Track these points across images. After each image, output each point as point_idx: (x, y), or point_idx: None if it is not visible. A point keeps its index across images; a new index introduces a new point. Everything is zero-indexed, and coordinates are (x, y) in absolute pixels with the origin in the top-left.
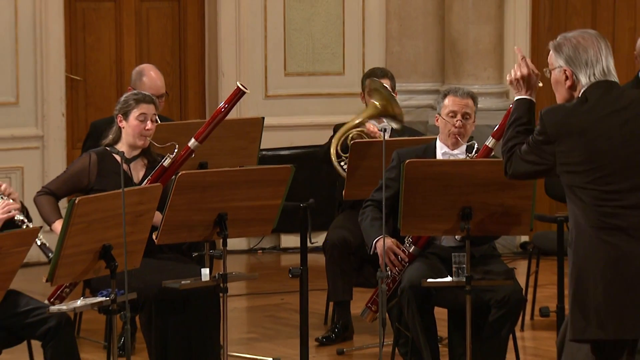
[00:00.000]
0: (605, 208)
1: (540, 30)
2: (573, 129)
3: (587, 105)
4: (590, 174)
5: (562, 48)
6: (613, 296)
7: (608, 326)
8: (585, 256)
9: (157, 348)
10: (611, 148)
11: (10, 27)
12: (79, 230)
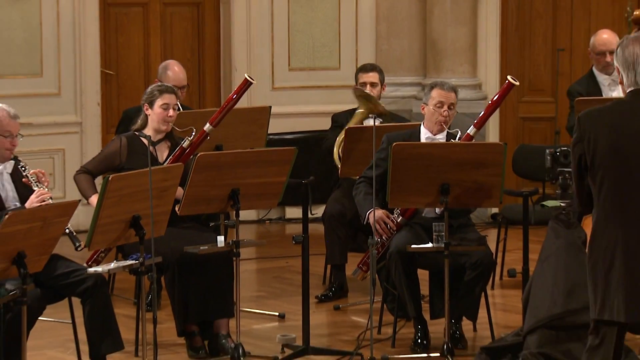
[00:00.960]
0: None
1: (509, 31)
2: (600, 128)
3: (621, 108)
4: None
5: (619, 46)
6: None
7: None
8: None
9: (179, 304)
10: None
11: (53, 29)
12: (112, 203)
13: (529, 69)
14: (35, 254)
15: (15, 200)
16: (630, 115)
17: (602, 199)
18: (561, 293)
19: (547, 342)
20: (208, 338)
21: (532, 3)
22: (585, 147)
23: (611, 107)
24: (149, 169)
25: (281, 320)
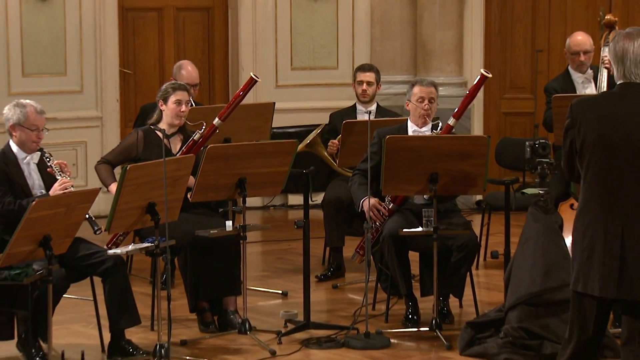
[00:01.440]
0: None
1: (492, 34)
2: (591, 116)
3: (611, 98)
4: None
5: (612, 41)
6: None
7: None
8: (578, 219)
9: (191, 283)
10: (622, 138)
11: (76, 32)
12: (129, 190)
13: (510, 69)
14: (60, 237)
15: (41, 188)
16: (618, 106)
17: (588, 182)
18: (539, 273)
19: (526, 317)
20: (217, 314)
21: (513, 8)
22: (576, 133)
23: (601, 98)
24: (164, 159)
25: (284, 298)
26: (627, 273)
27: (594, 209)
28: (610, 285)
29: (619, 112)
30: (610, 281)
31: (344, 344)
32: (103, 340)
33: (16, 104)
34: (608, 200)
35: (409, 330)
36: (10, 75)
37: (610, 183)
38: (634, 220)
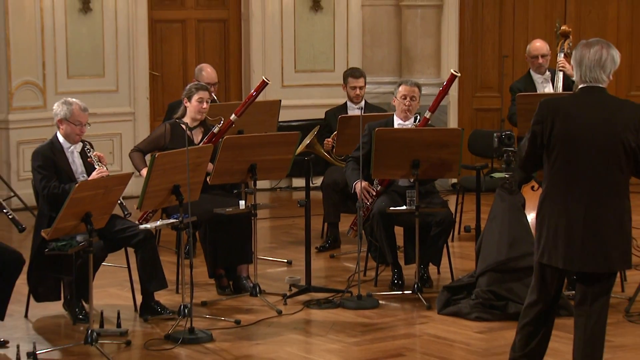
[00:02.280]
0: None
1: (465, 42)
2: (558, 113)
3: (577, 99)
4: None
5: (576, 48)
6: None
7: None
8: (542, 201)
9: (210, 253)
10: (583, 134)
11: (112, 40)
12: (158, 175)
13: (480, 71)
14: (99, 214)
15: (83, 174)
16: (581, 107)
17: (554, 172)
18: (505, 244)
19: (494, 282)
20: (232, 279)
21: (483, 20)
22: (544, 128)
23: (567, 99)
24: (187, 148)
25: (289, 266)
26: (586, 249)
27: (560, 194)
28: (573, 259)
29: (582, 112)
30: (573, 255)
31: (340, 304)
32: (136, 302)
33: (64, 102)
34: (572, 187)
35: (395, 293)
36: (57, 76)
37: (574, 172)
38: (593, 205)
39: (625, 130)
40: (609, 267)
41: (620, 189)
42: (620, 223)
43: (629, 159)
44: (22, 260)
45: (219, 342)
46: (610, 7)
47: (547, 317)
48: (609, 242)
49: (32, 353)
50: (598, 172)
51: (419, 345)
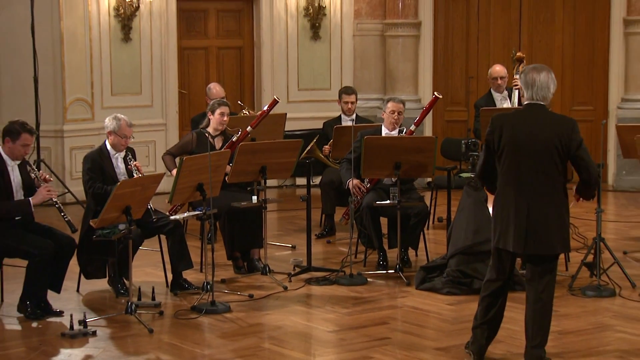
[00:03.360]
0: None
1: (438, 66)
2: (506, 125)
3: (522, 114)
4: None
5: (522, 72)
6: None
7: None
8: (497, 197)
9: (228, 239)
10: (526, 142)
11: (148, 64)
12: (185, 175)
13: (451, 90)
14: (137, 207)
15: (124, 175)
16: (526, 120)
17: (504, 171)
18: (471, 232)
19: (462, 263)
20: (246, 261)
21: (452, 48)
22: (495, 137)
23: (514, 113)
24: (209, 153)
25: (293, 250)
26: (531, 236)
27: (509, 191)
28: (520, 244)
29: (526, 123)
30: (520, 241)
31: (335, 281)
32: (167, 279)
33: (114, 117)
34: (518, 185)
35: (380, 272)
36: (102, 94)
37: (519, 173)
38: (535, 199)
39: (559, 139)
40: (551, 250)
41: (557, 186)
42: (559, 214)
43: (563, 163)
44: (74, 245)
45: (235, 312)
46: (556, 38)
47: (503, 291)
48: (549, 230)
49: (83, 321)
50: (538, 172)
51: (400, 315)
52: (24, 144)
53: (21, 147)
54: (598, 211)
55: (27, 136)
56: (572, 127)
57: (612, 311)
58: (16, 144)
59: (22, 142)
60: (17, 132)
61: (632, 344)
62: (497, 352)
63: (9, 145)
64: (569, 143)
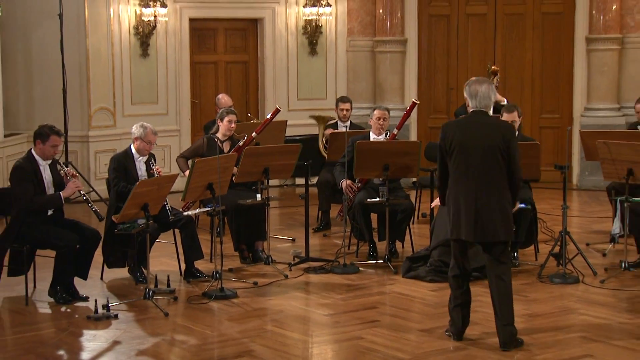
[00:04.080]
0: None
1: (422, 78)
2: (454, 131)
3: (467, 120)
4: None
5: (466, 84)
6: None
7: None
8: (449, 194)
9: (235, 232)
10: (470, 144)
11: (164, 77)
12: (197, 175)
13: (433, 100)
14: (154, 204)
15: (145, 177)
16: (471, 125)
17: (454, 170)
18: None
19: (443, 253)
20: (251, 252)
21: (435, 62)
22: (447, 142)
23: (461, 120)
24: (218, 156)
25: (293, 242)
26: (479, 225)
27: (459, 186)
28: (470, 232)
29: (473, 128)
30: (470, 229)
31: (330, 270)
32: (181, 268)
33: (141, 125)
34: (466, 181)
35: (371, 262)
36: (123, 103)
37: (467, 171)
38: (481, 194)
39: (500, 141)
40: (496, 237)
41: (500, 183)
42: (502, 206)
43: (505, 162)
44: (99, 237)
45: (241, 298)
46: (526, 53)
47: (465, 277)
48: (493, 220)
49: (106, 305)
50: (483, 171)
51: (388, 300)
52: (53, 144)
53: (50, 147)
54: (564, 207)
55: (55, 138)
56: (512, 132)
57: (576, 296)
58: (46, 145)
59: (51, 143)
60: (47, 134)
61: (593, 325)
62: (474, 334)
63: (40, 146)
64: (509, 144)
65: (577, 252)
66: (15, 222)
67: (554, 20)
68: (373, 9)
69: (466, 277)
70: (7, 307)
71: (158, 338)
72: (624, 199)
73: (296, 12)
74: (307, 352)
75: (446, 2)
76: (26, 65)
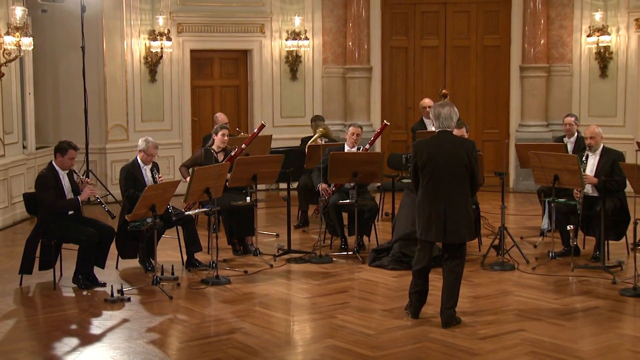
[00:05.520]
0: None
1: (385, 100)
2: (425, 148)
3: (436, 138)
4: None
5: (432, 107)
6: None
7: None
8: (420, 201)
9: (228, 229)
10: (440, 160)
11: (169, 98)
12: (196, 181)
13: (394, 117)
14: (160, 205)
15: (150, 183)
16: (438, 143)
17: (425, 181)
18: (409, 223)
19: (403, 246)
20: (242, 245)
21: (396, 86)
22: (418, 158)
23: (430, 139)
24: (214, 165)
25: (277, 237)
26: (446, 229)
27: (429, 196)
28: (440, 235)
29: (441, 146)
30: (440, 233)
31: (309, 261)
32: (183, 259)
33: (145, 139)
34: (436, 192)
35: (342, 253)
36: (135, 121)
37: (436, 183)
38: (449, 202)
39: (464, 156)
40: (462, 239)
41: (464, 192)
42: (466, 212)
43: (467, 173)
44: (113, 233)
45: (234, 284)
46: (471, 80)
47: (427, 269)
48: (460, 225)
49: (120, 290)
50: (450, 182)
51: (356, 285)
52: (70, 157)
53: (68, 160)
54: (502, 207)
55: (72, 151)
56: (473, 147)
57: (512, 281)
58: (65, 157)
59: (69, 156)
60: (65, 149)
61: (526, 304)
62: (428, 312)
63: (59, 158)
64: (471, 158)
65: (513, 244)
66: (42, 221)
67: (493, 52)
68: (344, 42)
69: (428, 270)
70: (38, 292)
71: (163, 317)
72: (551, 200)
73: (280, 44)
74: (289, 329)
75: (404, 37)
76: (54, 89)
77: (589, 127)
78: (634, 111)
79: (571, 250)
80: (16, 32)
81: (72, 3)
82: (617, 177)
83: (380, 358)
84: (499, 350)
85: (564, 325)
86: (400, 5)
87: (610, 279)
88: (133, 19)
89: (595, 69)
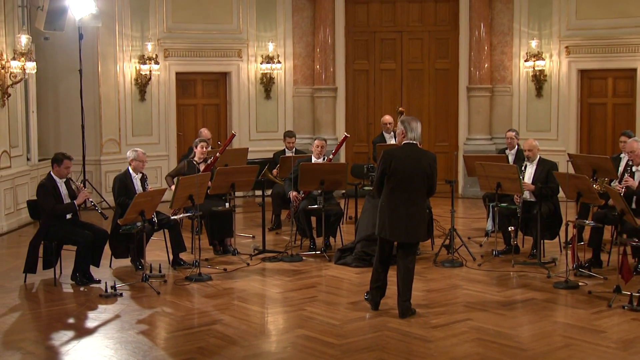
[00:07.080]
0: (396, 188)
1: (349, 116)
2: (394, 157)
3: (403, 149)
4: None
5: (403, 120)
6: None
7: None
8: (384, 204)
9: (209, 232)
10: (406, 168)
11: (157, 115)
12: (181, 189)
13: (357, 132)
14: (149, 210)
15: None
16: (406, 153)
17: (390, 189)
18: (371, 225)
19: (365, 246)
20: (222, 246)
21: (358, 104)
22: (387, 165)
23: (398, 149)
24: (196, 175)
25: (253, 239)
26: (405, 229)
27: (393, 200)
28: (400, 235)
29: (407, 156)
30: (398, 233)
31: (281, 259)
32: (169, 258)
33: (134, 150)
34: (400, 196)
35: (311, 253)
36: (126, 135)
37: (400, 189)
38: (409, 206)
39: (425, 167)
40: (417, 239)
41: (423, 198)
42: (422, 216)
43: (427, 181)
44: (107, 235)
45: (214, 280)
46: (424, 99)
47: (385, 265)
48: (416, 226)
49: (113, 286)
50: (412, 189)
51: (324, 281)
52: (66, 166)
53: (64, 169)
54: (452, 211)
55: (67, 161)
56: (434, 159)
57: (460, 276)
58: (61, 167)
59: (64, 165)
60: (61, 159)
61: (473, 297)
62: (388, 303)
63: (56, 168)
64: (432, 169)
65: (461, 243)
66: (44, 225)
67: (444, 74)
68: (312, 65)
69: (387, 267)
70: (41, 288)
71: (152, 310)
72: (494, 205)
73: (255, 67)
74: (264, 320)
75: (365, 60)
76: (55, 107)
77: (527, 140)
78: (565, 126)
79: (512, 248)
80: (21, 57)
81: (71, 31)
82: (551, 184)
83: (344, 345)
84: (449, 338)
85: (505, 314)
86: (362, 33)
87: (546, 274)
88: (125, 45)
89: (532, 89)
